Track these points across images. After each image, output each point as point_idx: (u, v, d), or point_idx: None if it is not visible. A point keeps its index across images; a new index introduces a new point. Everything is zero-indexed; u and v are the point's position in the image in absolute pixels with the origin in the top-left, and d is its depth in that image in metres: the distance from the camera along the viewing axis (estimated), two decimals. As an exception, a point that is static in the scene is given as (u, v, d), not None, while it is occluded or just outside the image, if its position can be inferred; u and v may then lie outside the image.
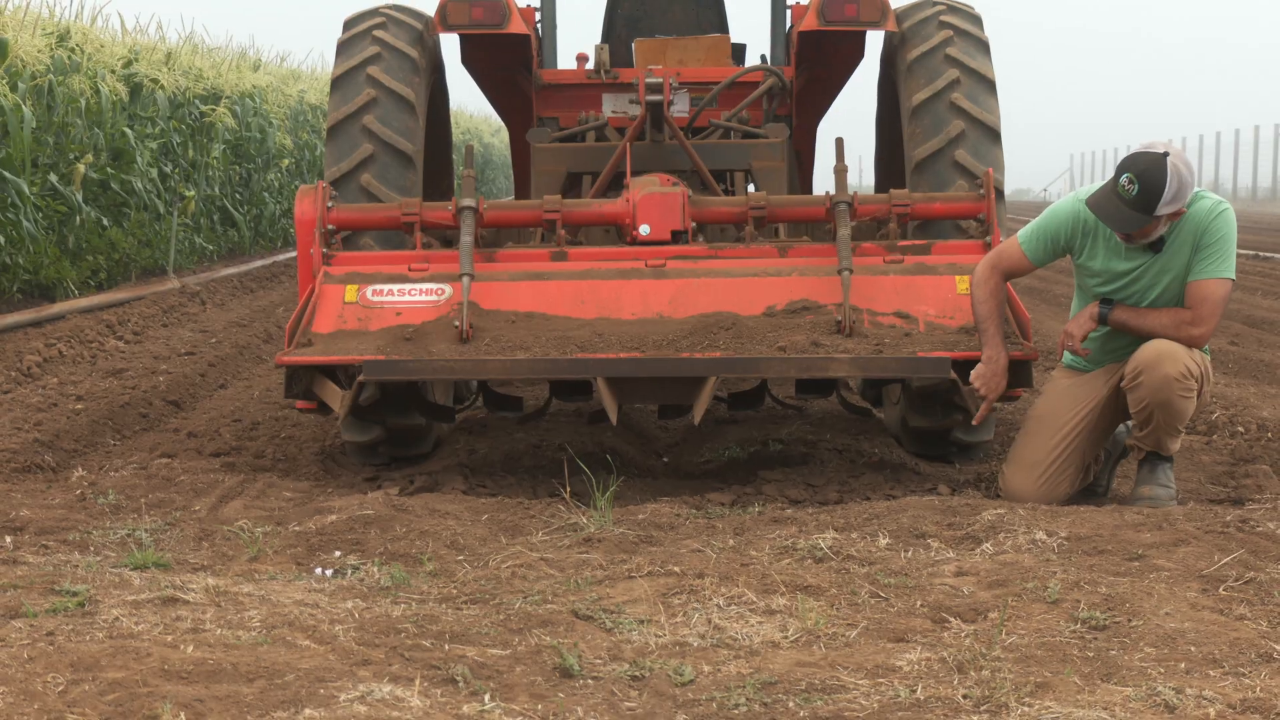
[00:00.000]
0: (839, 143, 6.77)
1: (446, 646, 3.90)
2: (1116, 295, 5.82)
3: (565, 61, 8.60)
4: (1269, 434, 7.21)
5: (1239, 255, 20.97)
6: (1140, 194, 5.47)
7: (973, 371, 5.92)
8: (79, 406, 8.08)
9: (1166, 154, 5.48)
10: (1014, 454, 6.00)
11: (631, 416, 7.87)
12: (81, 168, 12.83)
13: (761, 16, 8.76)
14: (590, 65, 8.39)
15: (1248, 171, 57.76)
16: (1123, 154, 5.81)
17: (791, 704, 3.55)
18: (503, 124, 9.32)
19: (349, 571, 4.72)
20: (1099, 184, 5.75)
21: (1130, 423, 5.96)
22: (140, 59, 15.28)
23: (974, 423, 6.08)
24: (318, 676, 3.59)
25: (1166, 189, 5.44)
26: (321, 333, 6.15)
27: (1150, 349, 5.67)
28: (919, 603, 4.28)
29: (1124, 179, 5.49)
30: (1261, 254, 22.12)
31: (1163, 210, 5.49)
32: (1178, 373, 5.62)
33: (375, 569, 4.72)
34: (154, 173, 14.75)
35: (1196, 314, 5.69)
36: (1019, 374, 6.09)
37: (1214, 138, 60.79)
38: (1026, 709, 3.46)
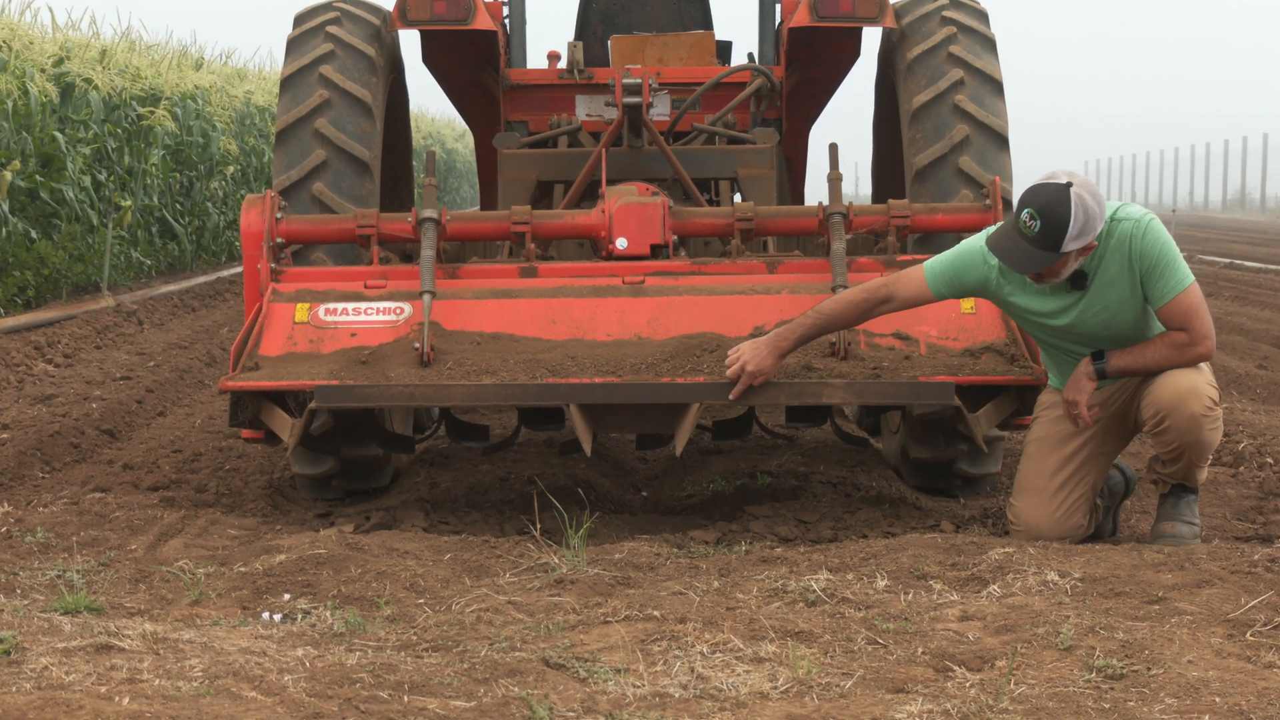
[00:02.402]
0: (833, 149, 6.78)
1: (406, 698, 3.89)
2: (1067, 335, 5.73)
3: (535, 60, 8.63)
4: (1300, 465, 7.23)
5: (1264, 270, 21.12)
6: (1043, 230, 5.39)
7: (745, 343, 5.85)
8: (4, 436, 8.06)
9: (1069, 184, 5.42)
10: (1020, 482, 5.95)
11: (607, 447, 7.87)
12: (8, 175, 12.81)
13: (749, 12, 8.81)
14: (563, 64, 8.41)
15: (1276, 178, 58.01)
16: (1141, 160, 5.81)
17: (782, 760, 3.55)
18: (467, 128, 9.32)
19: (299, 616, 4.71)
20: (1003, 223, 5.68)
21: (1152, 459, 5.93)
22: (72, 57, 15.27)
23: (730, 397, 5.80)
24: (264, 732, 3.58)
25: (1071, 223, 5.37)
26: (269, 355, 6.15)
27: (1168, 389, 5.62)
28: (920, 650, 4.28)
29: (1024, 214, 5.41)
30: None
31: (1070, 246, 5.42)
32: (1203, 408, 5.60)
33: (328, 613, 4.71)
34: (87, 181, 14.72)
35: (1192, 333, 5.63)
36: (1027, 401, 6.10)
37: (1240, 143, 61.08)
38: (1037, 765, 3.46)
